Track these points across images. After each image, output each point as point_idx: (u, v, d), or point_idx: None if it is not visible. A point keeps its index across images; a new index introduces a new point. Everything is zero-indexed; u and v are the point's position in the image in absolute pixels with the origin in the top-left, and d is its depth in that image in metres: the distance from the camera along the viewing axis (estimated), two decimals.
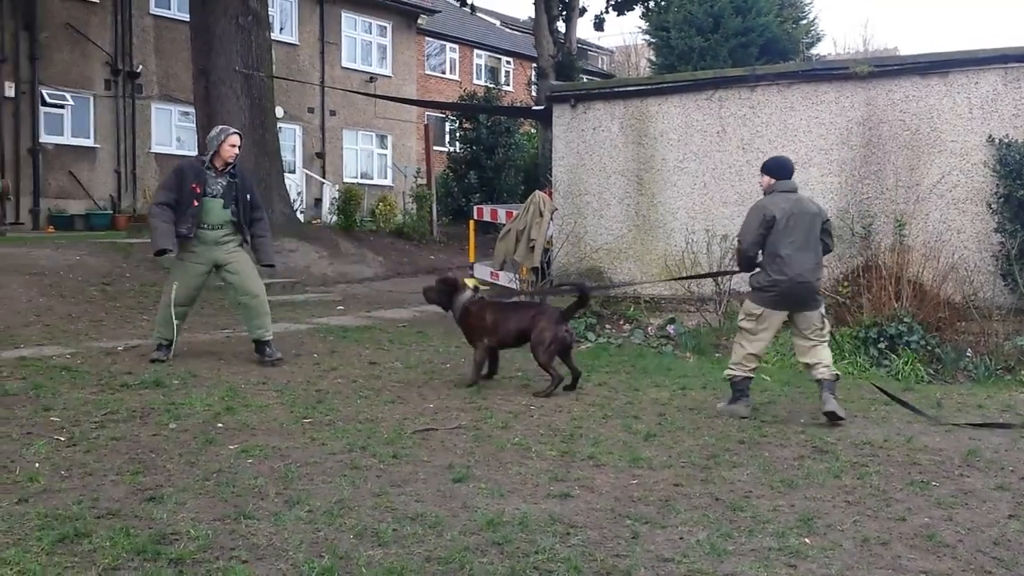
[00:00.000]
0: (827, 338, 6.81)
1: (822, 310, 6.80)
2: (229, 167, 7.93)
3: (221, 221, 7.92)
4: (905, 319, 8.85)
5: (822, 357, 6.66)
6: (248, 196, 8.04)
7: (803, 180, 10.25)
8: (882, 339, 8.85)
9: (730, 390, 6.86)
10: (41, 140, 20.21)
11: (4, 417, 5.86)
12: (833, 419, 6.45)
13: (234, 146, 7.89)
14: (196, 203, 7.74)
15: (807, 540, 4.14)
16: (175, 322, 7.87)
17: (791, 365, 8.77)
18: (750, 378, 6.83)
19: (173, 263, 7.97)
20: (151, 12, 22.43)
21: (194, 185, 7.73)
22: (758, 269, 6.75)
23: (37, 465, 4.88)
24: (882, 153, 10.03)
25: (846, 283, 9.69)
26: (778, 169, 6.84)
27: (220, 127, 8.18)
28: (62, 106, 20.69)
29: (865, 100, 10.13)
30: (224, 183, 7.91)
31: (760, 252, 6.69)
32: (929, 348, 8.77)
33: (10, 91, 19.64)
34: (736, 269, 7.68)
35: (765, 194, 6.84)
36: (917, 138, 9.87)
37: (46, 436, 5.46)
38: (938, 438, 6.19)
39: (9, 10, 19.64)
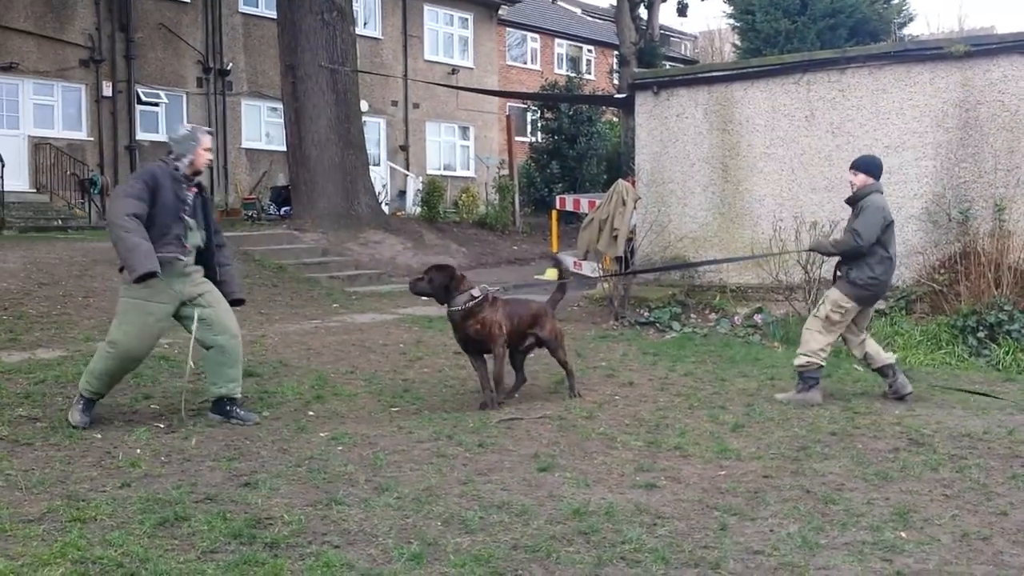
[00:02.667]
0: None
1: None
2: (196, 177, 5.99)
3: (194, 245, 5.94)
4: (1006, 307, 8.53)
5: (874, 346, 6.90)
6: (210, 216, 6.16)
7: (897, 164, 9.99)
8: (981, 328, 8.55)
9: (799, 379, 6.81)
10: (137, 137, 20.85)
11: (107, 405, 6.09)
12: (908, 397, 6.72)
13: (209, 150, 6.00)
14: (182, 220, 5.80)
15: (903, 534, 4.03)
16: (118, 376, 5.85)
17: None
18: (823, 367, 6.82)
19: (127, 302, 5.75)
20: (240, 10, 22.93)
21: (173, 199, 5.76)
22: (853, 266, 6.65)
23: (138, 451, 5.07)
24: (980, 135, 9.67)
25: (943, 270, 9.40)
26: (876, 169, 6.83)
27: (191, 125, 6.25)
28: (157, 104, 21.33)
29: (961, 81, 9.78)
30: (192, 198, 5.94)
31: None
32: None
33: (107, 90, 20.33)
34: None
35: (865, 192, 6.69)
36: (1017, 119, 9.48)
37: (146, 423, 5.67)
38: None
39: (105, 12, 20.31)
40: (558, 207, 16.04)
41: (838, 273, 6.84)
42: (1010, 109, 9.52)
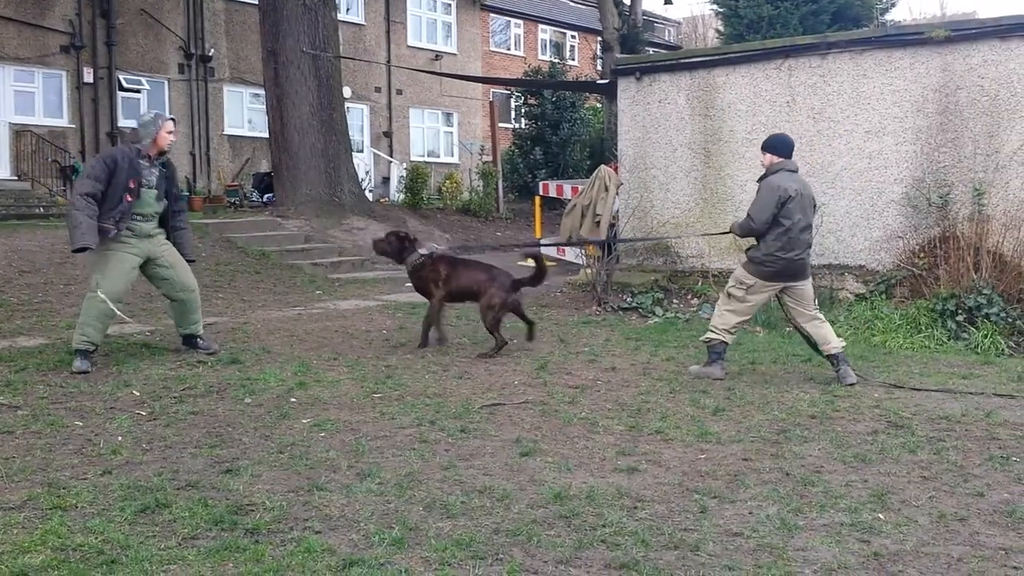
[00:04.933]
0: (820, 313, 7.12)
1: (811, 283, 7.09)
2: (162, 156, 7.22)
3: (153, 212, 7.19)
4: (984, 291, 8.60)
5: (826, 333, 6.94)
6: (175, 188, 7.44)
7: (877, 149, 10.04)
8: (960, 312, 8.62)
9: (706, 353, 7.12)
10: (119, 124, 20.73)
11: (88, 392, 6.08)
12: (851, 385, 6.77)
13: (171, 132, 7.23)
14: (130, 198, 6.93)
15: (881, 516, 4.07)
16: (106, 321, 6.94)
17: (864, 340, 8.62)
18: (727, 343, 7.06)
19: (102, 255, 6.95)
20: None
21: (130, 179, 6.92)
22: (755, 242, 6.94)
23: (120, 438, 5.06)
24: (959, 120, 9.72)
25: (922, 254, 9.46)
26: (782, 147, 7.03)
27: (154, 112, 7.36)
28: (138, 90, 21.18)
29: (941, 66, 9.82)
30: (157, 172, 7.16)
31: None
32: (1010, 320, 8.51)
33: (88, 77, 20.18)
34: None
35: (768, 172, 6.96)
36: (996, 104, 9.53)
37: (128, 411, 5.65)
38: (1019, 412, 6.02)
39: None
40: (541, 193, 16.05)
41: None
42: (989, 94, 9.56)
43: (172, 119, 7.38)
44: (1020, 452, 5.10)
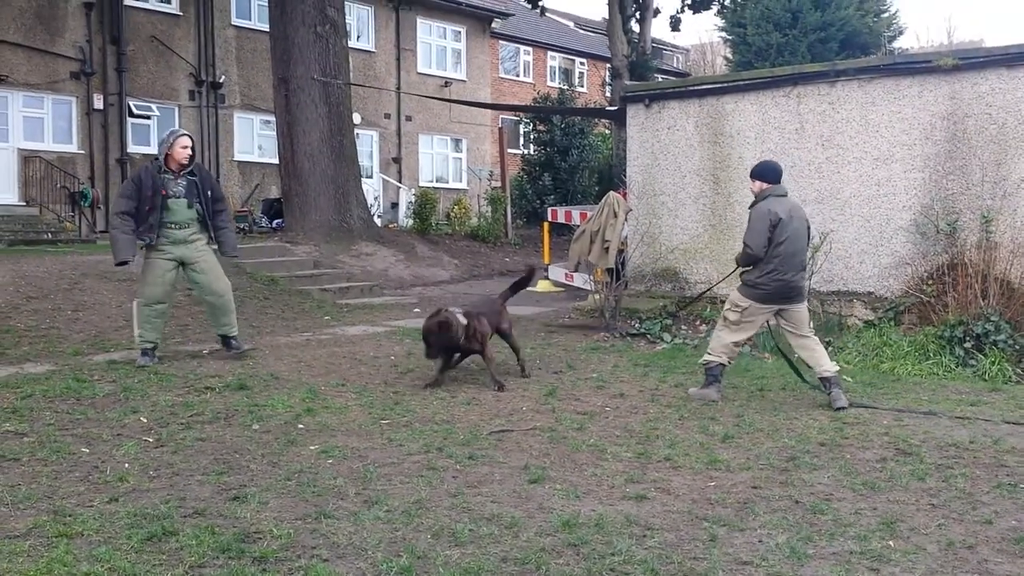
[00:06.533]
0: (815, 336, 7.18)
1: (807, 306, 7.17)
2: (188, 168, 8.12)
3: (187, 219, 8.10)
4: (992, 318, 8.57)
5: (820, 356, 7.00)
6: (209, 191, 8.24)
7: (885, 176, 10.05)
8: (968, 338, 8.58)
9: (704, 376, 7.21)
10: (128, 150, 20.86)
11: (95, 419, 6.09)
12: (842, 410, 6.77)
13: (185, 147, 8.08)
14: (156, 209, 7.90)
15: (890, 544, 4.05)
16: (156, 321, 8.06)
17: (873, 366, 8.58)
18: (724, 365, 7.14)
19: (144, 264, 8.11)
20: (232, 23, 22.97)
21: (152, 192, 7.88)
22: (751, 267, 7.04)
23: (127, 465, 5.06)
24: (967, 148, 9.72)
25: (930, 281, 9.44)
26: (770, 174, 7.14)
27: (169, 130, 8.44)
28: (148, 117, 21.33)
29: (949, 94, 9.84)
30: (185, 183, 8.08)
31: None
32: (1017, 348, 8.47)
33: (98, 103, 20.33)
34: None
35: (758, 199, 7.07)
36: (1004, 132, 9.54)
37: (135, 437, 5.65)
38: None
39: (96, 24, 20.34)
40: (550, 219, 16.09)
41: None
42: (997, 122, 9.57)
43: (186, 134, 8.20)
44: None
